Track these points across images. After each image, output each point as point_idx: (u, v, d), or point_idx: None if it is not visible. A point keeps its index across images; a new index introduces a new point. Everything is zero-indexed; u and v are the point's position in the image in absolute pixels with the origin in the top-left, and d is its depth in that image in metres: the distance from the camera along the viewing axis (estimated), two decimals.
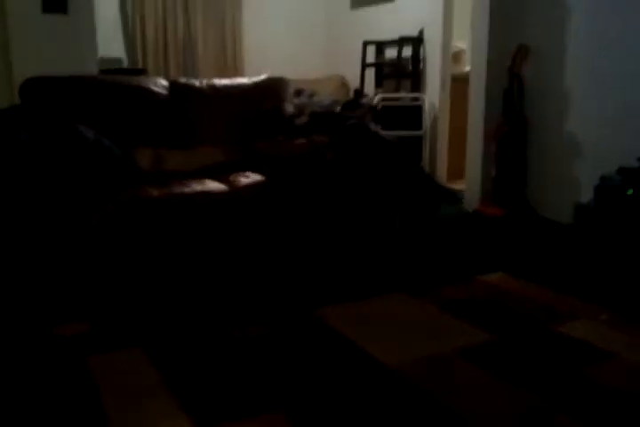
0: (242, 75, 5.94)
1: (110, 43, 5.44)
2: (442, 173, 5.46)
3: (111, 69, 4.80)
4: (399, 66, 5.52)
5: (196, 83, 3.47)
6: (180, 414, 1.76)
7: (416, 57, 5.44)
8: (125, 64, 5.68)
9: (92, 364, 2.06)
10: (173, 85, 3.39)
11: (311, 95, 3.45)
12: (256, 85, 3.59)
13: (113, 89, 3.22)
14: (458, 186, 5.01)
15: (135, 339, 2.25)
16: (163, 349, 2.18)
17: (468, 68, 4.92)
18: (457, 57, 5.98)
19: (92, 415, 1.76)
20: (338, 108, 3.19)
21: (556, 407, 1.77)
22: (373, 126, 3.18)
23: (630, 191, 2.94)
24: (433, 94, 5.39)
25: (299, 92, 3.55)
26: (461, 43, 5.89)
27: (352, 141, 3.09)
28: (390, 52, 5.70)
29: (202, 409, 1.78)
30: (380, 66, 5.82)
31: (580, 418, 1.71)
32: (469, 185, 4.41)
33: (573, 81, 3.81)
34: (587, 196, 3.29)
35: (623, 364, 2.03)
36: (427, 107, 5.32)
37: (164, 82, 3.39)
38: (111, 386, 1.92)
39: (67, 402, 1.83)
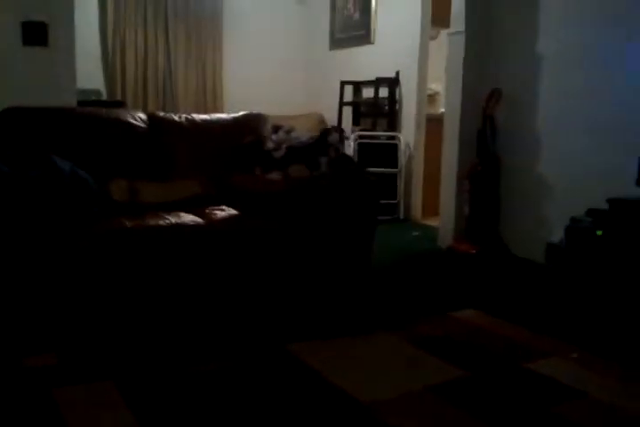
0: (221, 111, 6.01)
1: (90, 74, 5.46)
2: (416, 209, 5.53)
3: (90, 101, 4.82)
4: (376, 105, 5.64)
5: (175, 117, 3.49)
6: None
7: (392, 97, 5.57)
8: (104, 96, 5.71)
9: (60, 397, 2.00)
10: (152, 119, 3.41)
11: (289, 131, 3.48)
12: (235, 121, 3.63)
13: (91, 121, 3.22)
14: (432, 222, 5.06)
15: (105, 372, 2.20)
16: (133, 382, 2.13)
17: (442, 110, 5.04)
18: (432, 98, 6.14)
19: None
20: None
21: None
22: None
23: (600, 232, 3.00)
24: (408, 133, 5.51)
25: (277, 128, 3.58)
26: (436, 85, 6.06)
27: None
28: (367, 92, 5.83)
29: None
30: (357, 105, 5.94)
31: None
32: (443, 222, 4.46)
33: (544, 124, 3.92)
34: (557, 235, 3.35)
35: (592, 403, 2.04)
36: (402, 145, 5.42)
37: (142, 115, 3.40)
38: (79, 420, 1.86)
39: None
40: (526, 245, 3.96)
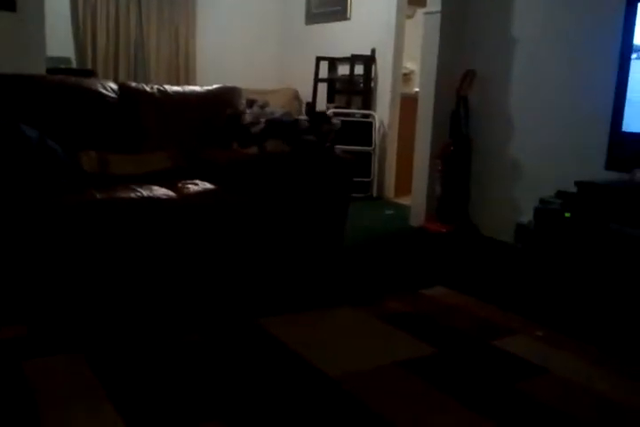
0: (193, 83, 5.91)
1: (59, 42, 5.32)
2: (389, 188, 5.55)
3: (59, 69, 4.69)
4: (351, 82, 5.61)
5: (147, 88, 3.42)
6: (118, 422, 1.71)
7: (367, 75, 5.55)
8: (74, 64, 5.56)
9: (29, 369, 1.99)
10: (123, 89, 3.34)
11: (263, 106, 3.45)
12: (209, 93, 3.57)
13: (61, 90, 3.14)
14: (404, 201, 5.10)
15: (75, 344, 2.18)
16: (103, 355, 2.12)
17: (417, 89, 5.04)
18: (407, 77, 6.13)
19: (27, 423, 1.69)
20: (305, 123, 3.19)
21: (495, 422, 1.81)
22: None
23: (568, 214, 3.06)
24: (383, 112, 5.50)
25: (251, 103, 3.54)
26: (411, 64, 6.05)
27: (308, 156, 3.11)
28: (343, 69, 5.79)
29: (140, 418, 1.74)
30: (332, 81, 5.90)
31: None
32: (415, 202, 4.50)
33: (517, 106, 3.95)
34: (527, 216, 3.41)
35: (554, 380, 2.09)
36: (377, 124, 5.42)
37: (113, 85, 3.33)
38: (48, 392, 1.85)
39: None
40: (496, 225, 4.02)
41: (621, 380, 2.11)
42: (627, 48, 3.07)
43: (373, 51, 5.54)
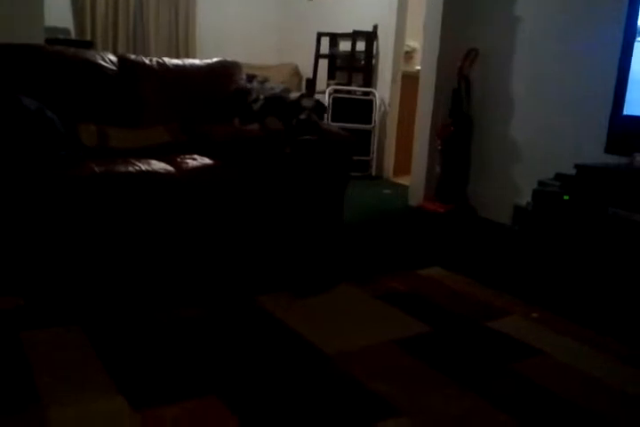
0: (193, 57, 5.84)
1: (58, 12, 5.24)
2: (388, 167, 5.53)
3: (57, 39, 4.63)
4: (352, 59, 5.55)
5: (146, 60, 3.38)
6: (115, 394, 1.72)
7: (369, 52, 5.49)
8: (72, 35, 5.49)
9: (26, 340, 2.00)
10: (122, 61, 3.30)
11: (263, 81, 3.42)
12: (208, 67, 3.53)
13: (59, 60, 3.10)
14: (403, 181, 5.09)
15: (72, 317, 2.19)
16: (101, 327, 2.13)
17: (419, 67, 4.99)
18: (409, 55, 6.07)
19: (23, 393, 1.70)
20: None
21: (488, 402, 1.83)
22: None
23: (567, 197, 3.06)
24: (384, 90, 5.46)
25: (251, 78, 3.51)
26: (414, 42, 5.98)
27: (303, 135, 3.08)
28: (344, 45, 5.72)
29: (137, 390, 1.75)
30: (333, 57, 5.84)
31: (504, 410, 1.78)
32: (414, 181, 4.49)
33: (519, 87, 3.92)
34: (525, 197, 3.41)
35: (548, 362, 2.11)
36: (377, 102, 5.38)
37: (112, 57, 3.29)
38: (45, 363, 1.86)
39: None
40: (494, 206, 4.02)
41: (617, 363, 2.12)
42: (630, 31, 3.04)
43: (375, 27, 5.47)
